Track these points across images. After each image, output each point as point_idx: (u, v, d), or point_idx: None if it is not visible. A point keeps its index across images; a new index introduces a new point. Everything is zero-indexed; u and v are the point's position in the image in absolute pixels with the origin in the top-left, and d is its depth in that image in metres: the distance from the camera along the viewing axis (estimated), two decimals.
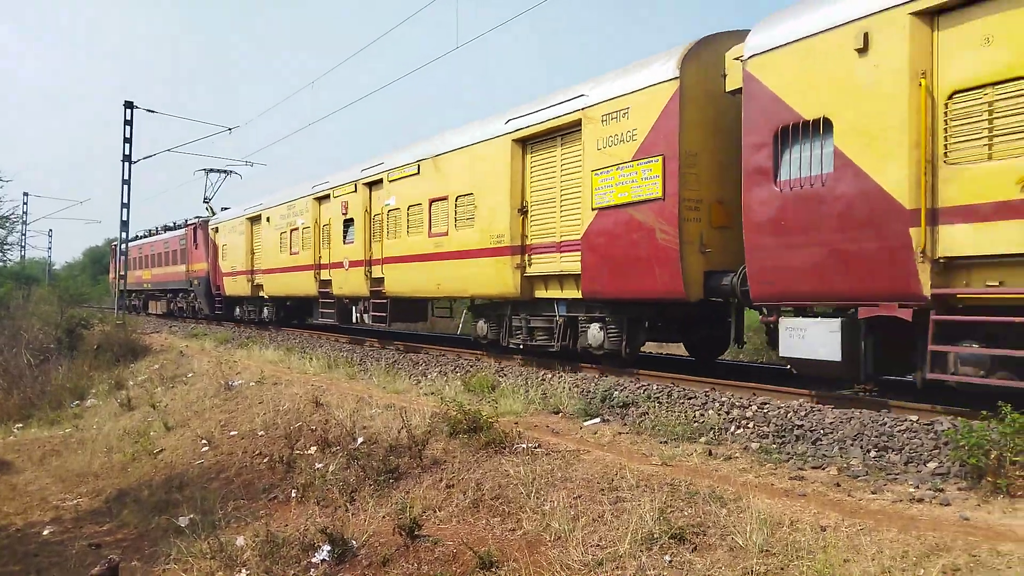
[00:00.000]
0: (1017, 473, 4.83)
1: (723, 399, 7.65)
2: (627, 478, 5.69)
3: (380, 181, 15.72)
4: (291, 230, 20.30)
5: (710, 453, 6.27)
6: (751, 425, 6.88)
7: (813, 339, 7.40)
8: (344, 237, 17.33)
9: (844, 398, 7.44)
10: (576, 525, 5.22)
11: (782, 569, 4.17)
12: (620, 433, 7.19)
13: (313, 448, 8.64)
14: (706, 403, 7.64)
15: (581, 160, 10.36)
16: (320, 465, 7.99)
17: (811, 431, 6.44)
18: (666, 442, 6.68)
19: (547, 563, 4.93)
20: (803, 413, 6.82)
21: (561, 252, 10.90)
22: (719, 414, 7.24)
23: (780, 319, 7.84)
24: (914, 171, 6.47)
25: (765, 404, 7.23)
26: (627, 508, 5.22)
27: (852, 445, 6.04)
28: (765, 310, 8.23)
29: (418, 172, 14.26)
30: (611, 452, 6.49)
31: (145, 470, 10.52)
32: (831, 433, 6.31)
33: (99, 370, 18.60)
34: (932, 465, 5.47)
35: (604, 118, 9.92)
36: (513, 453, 6.69)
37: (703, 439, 6.71)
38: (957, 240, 6.29)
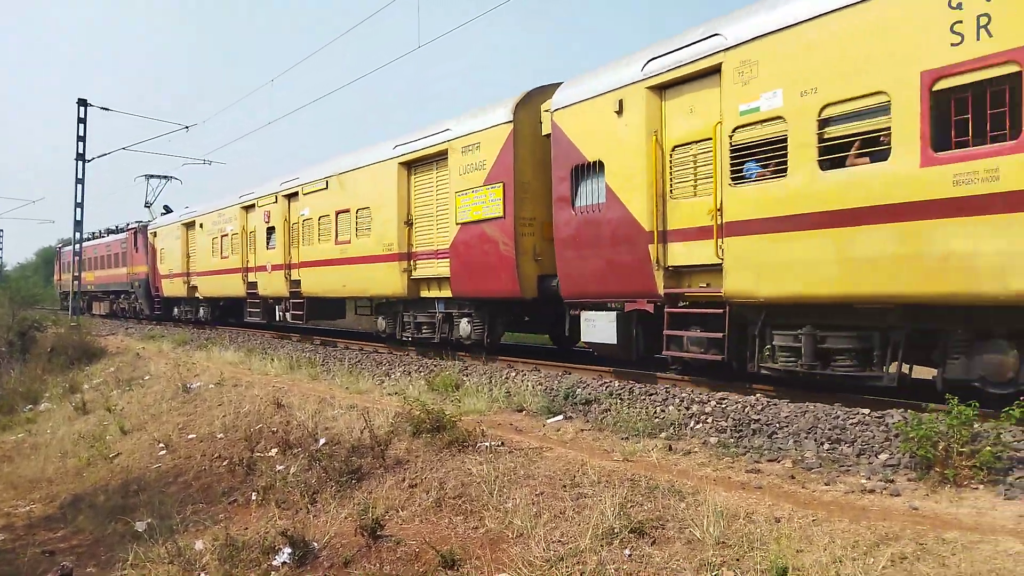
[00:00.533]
0: (963, 463, 4.98)
1: (683, 395, 7.77)
2: (589, 474, 5.73)
3: (296, 193, 17.45)
4: (222, 236, 21.78)
5: (670, 448, 6.35)
6: (710, 420, 6.99)
7: (600, 327, 9.61)
8: (267, 243, 19.04)
9: (799, 394, 7.63)
10: (538, 522, 5.24)
11: (737, 560, 4.25)
12: (582, 430, 7.24)
13: (274, 450, 8.53)
14: (666, 399, 7.75)
15: (449, 183, 12.38)
16: (281, 467, 7.89)
17: (767, 425, 6.57)
18: (627, 438, 6.74)
19: (509, 560, 4.95)
20: (760, 408, 6.95)
21: (437, 258, 12.87)
22: (679, 410, 7.34)
23: (581, 312, 9.98)
24: (650, 204, 8.65)
25: (724, 399, 7.36)
26: (588, 504, 5.26)
27: (806, 438, 6.18)
28: (571, 306, 10.38)
29: (326, 187, 16.14)
30: (573, 449, 6.53)
31: (101, 475, 10.28)
32: (786, 427, 6.45)
33: (53, 373, 18.12)
34: (883, 456, 5.62)
35: (463, 149, 11.94)
36: (476, 452, 6.69)
37: (663, 435, 6.79)
38: (678, 254, 8.51)
